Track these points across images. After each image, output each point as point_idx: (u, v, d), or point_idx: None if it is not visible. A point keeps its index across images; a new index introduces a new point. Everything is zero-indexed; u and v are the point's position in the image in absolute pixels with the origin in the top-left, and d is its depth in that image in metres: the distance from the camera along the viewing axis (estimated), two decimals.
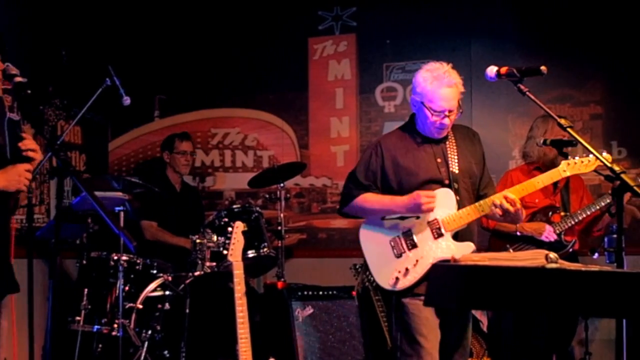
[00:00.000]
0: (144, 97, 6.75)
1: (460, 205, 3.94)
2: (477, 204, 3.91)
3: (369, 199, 4.02)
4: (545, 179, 3.93)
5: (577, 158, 3.86)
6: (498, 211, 3.85)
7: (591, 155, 3.72)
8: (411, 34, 6.54)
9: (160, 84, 7.00)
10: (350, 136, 6.70)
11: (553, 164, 5.01)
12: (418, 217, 3.94)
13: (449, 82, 3.89)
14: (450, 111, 3.91)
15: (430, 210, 3.88)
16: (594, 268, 2.80)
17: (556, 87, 6.10)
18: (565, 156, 4.02)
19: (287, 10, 6.81)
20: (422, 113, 3.97)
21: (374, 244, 4.05)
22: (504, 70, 3.54)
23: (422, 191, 3.87)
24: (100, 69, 5.16)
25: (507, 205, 3.81)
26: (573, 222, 5.02)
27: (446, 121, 3.93)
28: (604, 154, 3.59)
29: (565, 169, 3.88)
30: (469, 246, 3.91)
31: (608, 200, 4.95)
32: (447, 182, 3.97)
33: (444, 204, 3.92)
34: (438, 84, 3.88)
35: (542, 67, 3.44)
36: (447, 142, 4.05)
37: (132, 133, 7.05)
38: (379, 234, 4.04)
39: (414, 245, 3.95)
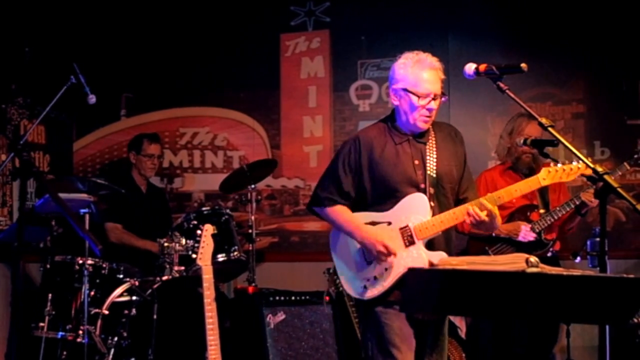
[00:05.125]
0: (110, 96, 6.66)
1: (436, 211, 3.82)
2: (451, 210, 3.79)
3: (338, 214, 3.92)
4: (523, 187, 3.82)
5: (559, 165, 3.75)
6: (471, 219, 3.73)
7: (574, 163, 3.64)
8: (386, 30, 6.49)
9: (127, 82, 6.91)
10: (323, 136, 6.65)
11: (520, 161, 5.02)
12: (389, 224, 3.83)
13: (432, 65, 3.80)
14: (436, 95, 3.80)
15: (382, 260, 3.79)
16: (576, 272, 2.76)
17: (537, 85, 6.08)
18: (546, 156, 3.97)
19: (258, 6, 6.75)
20: (406, 102, 3.82)
21: (345, 250, 3.95)
22: (482, 67, 3.48)
23: (385, 245, 3.75)
24: (65, 67, 5.09)
25: (482, 217, 3.70)
26: (552, 220, 4.99)
27: (433, 105, 3.79)
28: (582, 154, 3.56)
29: (545, 177, 3.76)
30: (440, 256, 3.78)
31: (582, 199, 4.93)
32: (422, 185, 3.84)
33: (416, 210, 3.80)
34: (421, 66, 3.79)
35: (523, 64, 3.38)
36: (427, 143, 3.91)
37: (97, 133, 6.95)
38: (349, 241, 3.93)
39: None
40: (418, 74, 3.78)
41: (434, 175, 3.84)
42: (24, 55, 6.25)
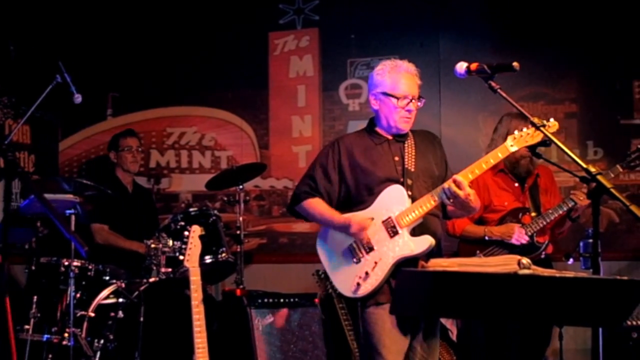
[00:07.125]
0: (96, 95, 6.61)
1: (415, 201, 3.90)
2: (428, 194, 3.86)
3: (314, 206, 4.07)
4: (493, 156, 3.83)
5: (524, 130, 3.77)
6: (449, 199, 3.80)
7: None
8: (377, 28, 6.47)
9: (113, 81, 6.88)
10: (312, 136, 6.61)
11: (519, 165, 4.94)
12: (372, 219, 3.92)
13: (408, 70, 3.99)
14: (413, 97, 3.94)
15: (360, 237, 3.89)
16: (569, 274, 2.76)
17: (529, 84, 6.05)
18: (539, 156, 3.95)
19: (246, 4, 6.71)
20: (385, 105, 4.00)
21: (332, 253, 4.05)
22: (474, 66, 3.48)
23: (357, 217, 3.90)
24: (50, 65, 5.09)
25: (454, 188, 3.74)
26: (545, 223, 4.94)
27: (411, 107, 3.95)
28: (552, 120, 3.55)
29: (512, 143, 3.79)
30: (426, 239, 3.84)
31: (573, 203, 4.86)
32: (402, 179, 3.96)
33: (395, 201, 3.91)
34: (397, 71, 3.98)
35: (514, 63, 3.36)
36: (406, 142, 4.06)
37: (83, 132, 6.92)
38: (335, 242, 4.03)
39: (371, 249, 3.91)
40: (395, 78, 3.97)
41: (412, 170, 3.97)
42: (8, 53, 6.22)
